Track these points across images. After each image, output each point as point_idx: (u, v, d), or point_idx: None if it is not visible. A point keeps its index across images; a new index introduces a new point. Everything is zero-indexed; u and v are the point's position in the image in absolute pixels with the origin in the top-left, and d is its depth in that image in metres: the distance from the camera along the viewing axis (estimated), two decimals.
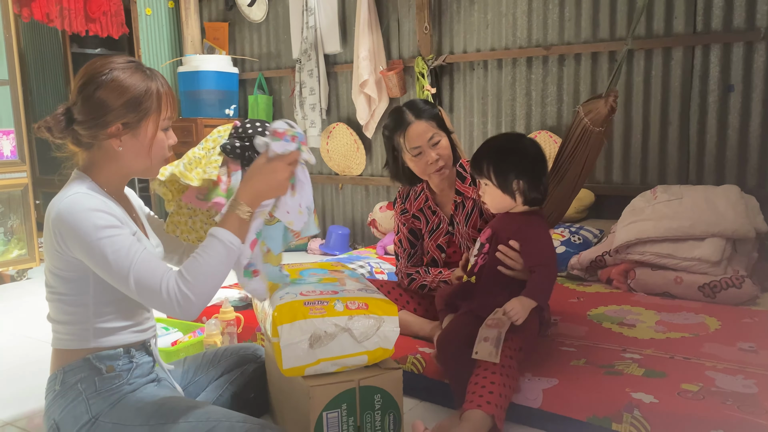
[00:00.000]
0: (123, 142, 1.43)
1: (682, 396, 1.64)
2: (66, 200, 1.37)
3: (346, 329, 1.45)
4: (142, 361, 1.52)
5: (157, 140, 1.47)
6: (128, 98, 1.40)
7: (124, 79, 1.40)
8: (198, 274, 1.32)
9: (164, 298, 1.31)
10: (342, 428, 1.45)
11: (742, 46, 3.12)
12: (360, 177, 4.53)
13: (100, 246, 1.32)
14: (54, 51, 5.58)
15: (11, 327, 2.92)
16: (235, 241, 1.37)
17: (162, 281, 1.32)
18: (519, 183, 1.78)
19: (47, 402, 1.48)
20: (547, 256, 1.78)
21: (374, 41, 4.16)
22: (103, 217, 1.34)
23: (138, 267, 1.32)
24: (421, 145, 2.06)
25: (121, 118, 1.41)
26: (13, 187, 3.71)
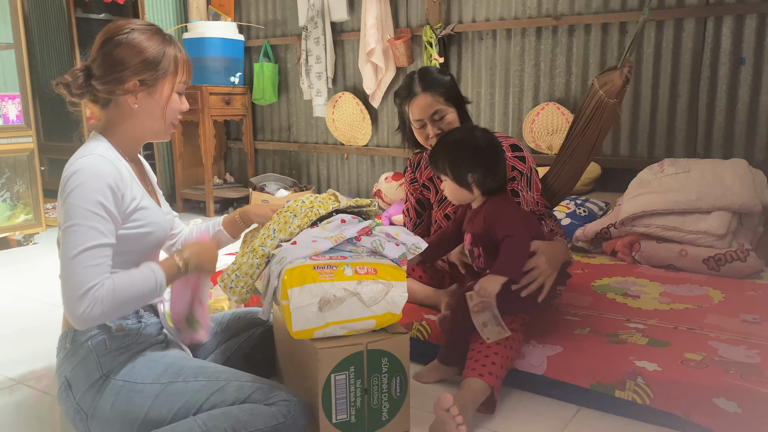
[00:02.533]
0: (138, 100, 1.47)
1: (685, 364, 1.66)
2: (84, 160, 1.40)
3: (355, 294, 1.46)
4: (151, 321, 1.55)
5: (172, 101, 1.51)
6: (146, 57, 1.45)
7: (143, 39, 1.45)
8: (125, 294, 1.35)
9: (79, 295, 1.30)
10: (349, 390, 1.47)
11: (755, 18, 3.08)
12: (365, 147, 4.52)
13: (81, 214, 1.35)
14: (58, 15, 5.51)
15: (19, 290, 2.95)
16: (163, 284, 1.44)
17: (96, 282, 1.32)
18: (473, 176, 1.79)
19: (58, 360, 1.51)
20: (512, 228, 1.74)
21: (382, 9, 4.11)
22: (106, 195, 1.38)
23: (90, 254, 1.34)
24: (423, 119, 2.04)
25: (138, 74, 1.44)
26: (18, 152, 3.71)
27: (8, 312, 2.65)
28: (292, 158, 5.01)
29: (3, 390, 1.90)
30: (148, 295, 1.41)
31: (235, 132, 5.29)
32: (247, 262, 1.61)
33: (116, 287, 1.34)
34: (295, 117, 4.91)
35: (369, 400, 1.50)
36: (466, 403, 1.54)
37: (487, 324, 1.68)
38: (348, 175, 4.71)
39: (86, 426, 1.44)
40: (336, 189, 4.79)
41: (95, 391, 1.43)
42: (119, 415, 1.41)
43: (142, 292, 1.39)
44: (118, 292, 1.34)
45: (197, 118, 4.67)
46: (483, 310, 1.68)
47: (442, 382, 1.85)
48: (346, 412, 1.48)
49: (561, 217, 3.16)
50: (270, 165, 5.15)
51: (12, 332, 2.40)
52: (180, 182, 4.99)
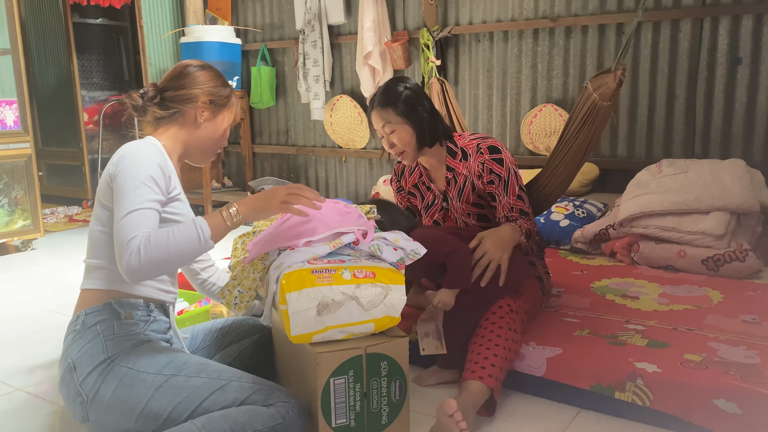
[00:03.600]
0: (204, 116, 1.65)
1: (685, 366, 1.66)
2: (136, 143, 1.55)
3: (354, 297, 1.45)
4: (159, 318, 1.59)
5: (225, 131, 1.71)
6: (216, 85, 1.68)
7: (213, 75, 1.70)
8: (161, 244, 1.38)
9: (124, 245, 1.37)
10: (349, 394, 1.47)
11: (751, 18, 3.08)
12: (363, 150, 4.52)
13: (134, 184, 1.45)
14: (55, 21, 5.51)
15: (18, 296, 2.94)
16: (206, 232, 1.44)
17: (138, 234, 1.38)
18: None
19: (66, 343, 1.54)
20: (447, 245, 1.79)
21: (379, 12, 4.11)
22: (156, 171, 1.49)
23: (137, 214, 1.41)
24: (378, 130, 2.08)
25: (209, 95, 1.65)
26: (16, 157, 3.70)
27: (6, 318, 2.64)
28: (290, 162, 5.01)
29: (1, 397, 1.90)
30: (191, 245, 1.41)
31: (233, 136, 5.28)
32: (249, 276, 1.62)
33: (154, 236, 1.38)
34: (292, 120, 4.91)
35: (368, 404, 1.49)
36: (466, 407, 1.54)
37: (429, 335, 1.75)
38: (346, 178, 4.71)
39: (85, 410, 1.46)
40: (334, 192, 4.79)
41: (98, 374, 1.45)
42: (119, 402, 1.43)
43: (183, 240, 1.40)
44: (155, 240, 1.37)
45: None
46: (429, 320, 1.75)
47: (442, 384, 1.84)
48: (345, 416, 1.47)
49: (559, 219, 3.16)
50: (268, 168, 5.15)
51: (10, 338, 2.40)
52: None
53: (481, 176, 2.03)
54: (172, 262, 1.40)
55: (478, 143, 2.05)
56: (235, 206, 1.49)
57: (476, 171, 2.03)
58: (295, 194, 1.51)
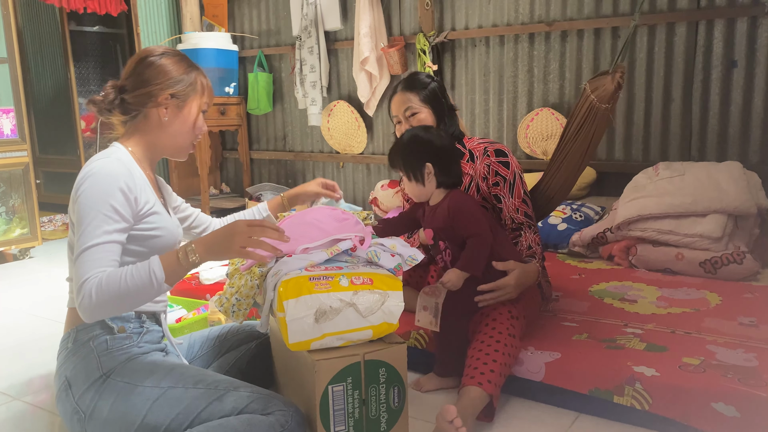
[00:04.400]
0: (168, 113, 1.56)
1: (683, 369, 1.66)
2: (100, 162, 1.46)
3: (351, 304, 1.45)
4: (152, 328, 1.58)
5: (199, 120, 1.62)
6: (177, 75, 1.57)
7: (174, 62, 1.58)
8: (112, 286, 1.33)
9: (78, 286, 1.34)
10: (347, 401, 1.46)
11: (746, 21, 3.09)
12: (361, 155, 4.52)
13: (92, 215, 1.39)
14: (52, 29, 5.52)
15: (15, 305, 2.93)
16: (159, 275, 1.35)
17: (92, 275, 1.34)
18: (429, 167, 1.82)
19: (59, 361, 1.53)
20: (476, 226, 1.79)
21: (375, 17, 4.12)
22: (118, 199, 1.42)
23: (93, 250, 1.37)
24: (397, 114, 2.11)
25: (170, 89, 1.55)
26: (13, 166, 3.70)
27: (4, 327, 2.64)
28: (287, 167, 5.01)
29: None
30: (143, 290, 1.35)
31: (231, 142, 5.29)
32: (246, 284, 1.61)
33: (106, 278, 1.34)
34: (290, 126, 4.91)
35: (367, 411, 1.49)
36: (465, 413, 1.54)
37: (427, 308, 1.76)
38: (344, 183, 4.71)
39: (83, 427, 1.45)
40: None
41: (95, 391, 1.44)
42: (117, 417, 1.42)
43: (135, 285, 1.33)
44: (107, 284, 1.33)
45: None
46: (431, 294, 1.76)
47: (440, 390, 1.84)
48: (344, 423, 1.47)
49: (557, 222, 3.17)
50: (266, 174, 5.15)
51: (8, 347, 2.39)
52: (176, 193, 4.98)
53: (486, 178, 2.04)
54: (126, 305, 1.37)
55: (486, 146, 2.08)
56: (192, 246, 1.39)
57: (482, 173, 2.05)
58: (257, 237, 1.38)
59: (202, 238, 1.41)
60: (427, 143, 1.85)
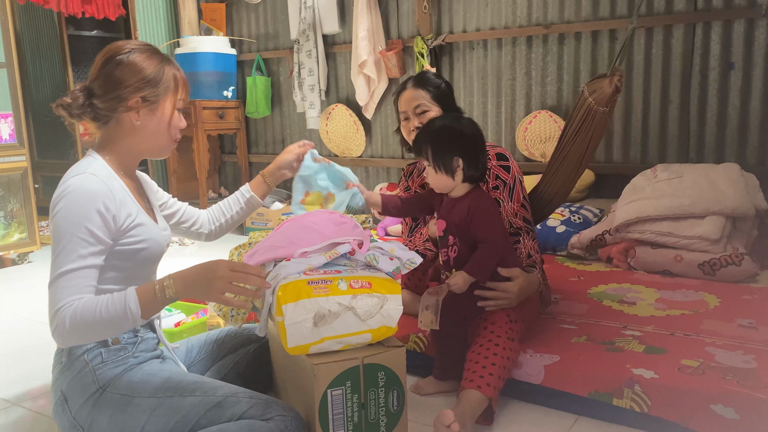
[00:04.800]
0: (141, 117, 1.49)
1: (682, 371, 1.66)
2: (76, 179, 1.41)
3: (350, 308, 1.45)
4: (147, 336, 1.56)
5: (175, 118, 1.54)
6: (147, 74, 1.47)
7: (143, 59, 1.48)
8: (86, 317, 1.31)
9: (52, 314, 1.32)
10: (346, 405, 1.46)
11: (743, 23, 3.10)
12: (360, 158, 4.52)
13: (67, 238, 1.35)
14: (50, 33, 5.52)
15: (14, 310, 2.93)
16: (135, 310, 1.32)
17: (67, 302, 1.32)
18: (458, 160, 1.78)
19: (54, 375, 1.51)
20: (493, 233, 1.78)
21: (373, 21, 4.13)
22: (94, 220, 1.37)
23: (68, 276, 1.34)
24: (406, 111, 2.11)
25: (140, 91, 1.47)
26: (12, 170, 3.70)
27: (3, 332, 2.63)
28: None
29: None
30: (118, 322, 1.32)
31: (229, 146, 5.29)
32: None
33: (81, 308, 1.31)
34: (288, 130, 4.92)
35: (366, 415, 1.49)
36: (464, 416, 1.54)
37: (428, 308, 1.73)
38: None
39: None
40: None
41: (92, 405, 1.43)
42: (116, 429, 1.41)
43: (110, 314, 1.31)
44: (81, 313, 1.30)
45: (191, 133, 4.67)
46: (434, 294, 1.74)
47: (440, 393, 1.84)
48: (343, 427, 1.47)
49: (555, 225, 3.17)
50: None
51: (7, 352, 2.39)
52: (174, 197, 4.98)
53: (486, 181, 2.04)
54: (100, 335, 1.36)
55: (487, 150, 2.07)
56: (170, 281, 1.35)
57: None
58: (239, 283, 1.35)
59: (181, 274, 1.36)
60: (459, 134, 1.79)
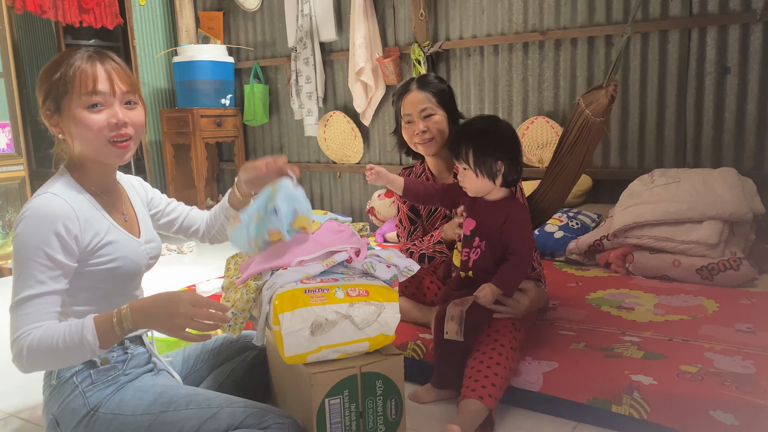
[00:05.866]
0: (62, 129, 1.42)
1: (681, 377, 1.65)
2: (37, 200, 1.37)
3: (347, 316, 1.45)
4: (138, 351, 1.53)
5: (79, 120, 1.38)
6: (46, 85, 1.40)
7: (44, 69, 1.41)
8: (44, 346, 1.29)
9: (12, 343, 1.31)
10: (344, 414, 1.46)
11: (738, 28, 3.11)
12: (358, 165, 4.53)
13: (24, 261, 1.32)
14: (48, 43, 5.54)
15: None
16: (92, 341, 1.29)
17: (25, 331, 1.30)
18: (500, 164, 1.77)
19: (45, 398, 1.49)
20: (525, 246, 1.78)
21: (370, 28, 4.14)
22: (53, 243, 1.32)
23: (29, 304, 1.30)
24: (411, 114, 2.10)
25: (45, 106, 1.41)
26: (9, 180, 3.70)
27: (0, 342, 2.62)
28: None
29: None
30: (76, 353, 1.29)
31: (228, 153, 5.30)
32: (242, 298, 1.60)
33: (39, 337, 1.29)
34: (286, 137, 4.92)
35: (364, 424, 1.48)
36: (465, 426, 1.54)
37: (453, 318, 1.73)
38: (341, 193, 4.72)
39: None
40: (329, 207, 4.79)
41: (84, 427, 1.41)
42: None
43: (67, 344, 1.28)
44: (39, 343, 1.28)
45: (189, 141, 4.67)
46: (460, 305, 1.74)
47: (439, 400, 1.83)
48: None
49: (553, 230, 3.17)
50: None
51: (4, 363, 2.37)
52: None
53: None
54: (60, 364, 1.35)
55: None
56: (128, 311, 1.31)
57: None
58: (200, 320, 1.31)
59: (139, 304, 1.32)
60: (500, 138, 1.77)
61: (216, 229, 1.81)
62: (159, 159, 5.07)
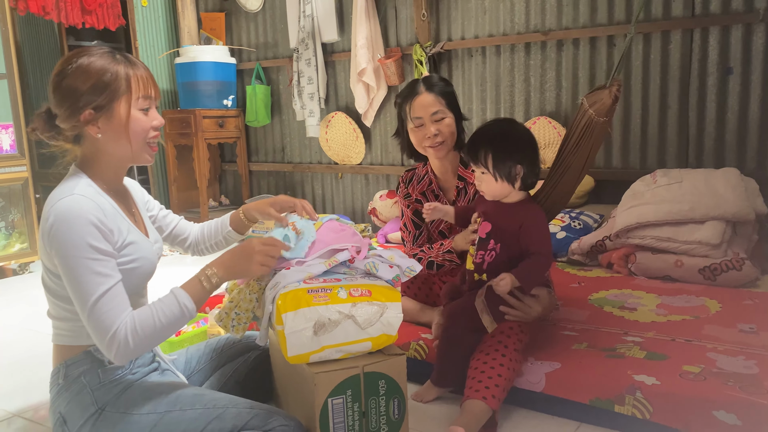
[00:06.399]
0: (101, 129, 1.43)
1: (683, 377, 1.65)
2: (64, 202, 1.36)
3: (350, 316, 1.45)
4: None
5: (134, 120, 1.44)
6: (94, 82, 1.40)
7: (88, 65, 1.41)
8: (147, 330, 1.34)
9: (107, 340, 1.31)
10: (347, 414, 1.46)
11: (740, 28, 3.11)
12: (359, 166, 4.53)
13: (79, 264, 1.32)
14: (51, 44, 5.55)
15: (15, 320, 2.93)
16: (190, 306, 1.39)
17: (118, 325, 1.32)
18: (519, 168, 1.77)
19: (52, 396, 1.49)
20: (544, 246, 1.80)
21: (372, 29, 4.14)
22: (95, 235, 1.34)
23: (105, 300, 1.32)
24: (422, 117, 2.07)
25: (90, 103, 1.40)
26: (13, 181, 3.71)
27: (4, 342, 2.63)
28: (286, 179, 5.02)
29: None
30: (176, 321, 1.38)
31: (230, 154, 5.30)
32: (245, 298, 1.61)
33: (138, 323, 1.33)
34: (288, 138, 4.93)
35: (367, 424, 1.48)
36: (469, 426, 1.54)
37: (483, 311, 1.75)
38: (343, 194, 4.72)
39: None
40: (331, 208, 4.79)
41: (91, 426, 1.41)
42: None
43: (168, 320, 1.36)
44: (141, 328, 1.33)
45: (191, 142, 4.68)
46: (481, 296, 1.75)
47: (441, 400, 1.84)
48: None
49: (556, 231, 3.17)
50: (265, 186, 5.16)
51: (8, 363, 2.38)
52: (175, 205, 4.99)
53: None
54: (160, 340, 1.38)
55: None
56: (212, 269, 1.43)
57: None
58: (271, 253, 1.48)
59: (221, 261, 1.46)
60: (519, 141, 1.77)
61: (207, 245, 1.85)
62: (161, 160, 5.08)
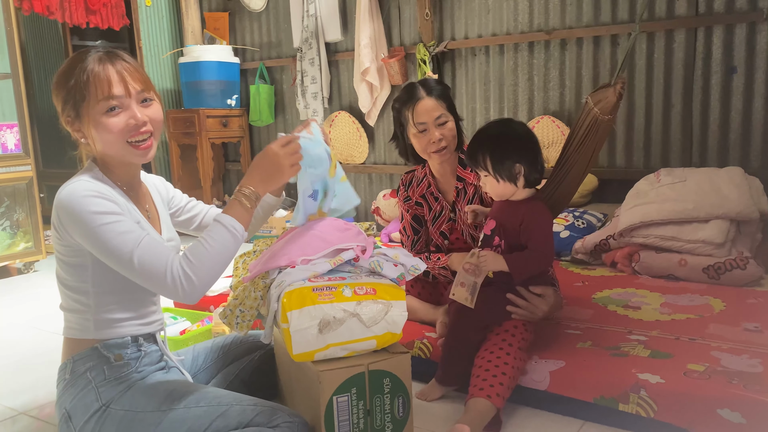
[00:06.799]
0: (83, 134, 1.44)
1: (688, 376, 1.65)
2: (68, 186, 1.39)
3: (355, 314, 1.45)
4: (151, 349, 1.54)
5: (100, 126, 1.40)
6: (63, 93, 1.42)
7: (58, 76, 1.42)
8: (202, 258, 1.36)
9: (168, 282, 1.33)
10: (352, 412, 1.46)
11: (744, 27, 3.10)
12: (363, 165, 4.54)
13: (102, 232, 1.34)
14: (55, 44, 5.57)
15: (20, 319, 2.94)
16: (238, 227, 1.42)
17: (167, 264, 1.34)
18: (519, 167, 1.77)
19: (58, 391, 1.50)
20: (544, 245, 1.80)
21: (375, 28, 4.15)
22: (100, 203, 1.35)
23: (142, 250, 1.34)
24: (426, 122, 2.05)
25: (64, 110, 1.43)
26: (17, 180, 3.72)
27: (9, 341, 2.64)
28: None
29: (5, 421, 1.89)
30: (229, 246, 1.39)
31: (233, 154, 5.31)
32: (250, 296, 1.61)
33: (189, 255, 1.35)
34: None
35: (372, 422, 1.49)
36: (474, 425, 1.54)
37: (464, 285, 1.74)
38: None
39: None
40: None
41: (95, 422, 1.42)
42: None
43: (220, 246, 1.37)
44: (194, 257, 1.35)
45: (195, 141, 4.69)
46: (472, 273, 1.74)
47: (445, 398, 1.84)
48: None
49: (559, 230, 3.17)
50: None
51: (13, 362, 2.39)
52: None
53: None
54: (220, 269, 1.38)
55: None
56: (248, 188, 1.45)
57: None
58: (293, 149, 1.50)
59: (250, 176, 1.47)
60: (515, 140, 1.78)
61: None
62: (165, 159, 5.10)
